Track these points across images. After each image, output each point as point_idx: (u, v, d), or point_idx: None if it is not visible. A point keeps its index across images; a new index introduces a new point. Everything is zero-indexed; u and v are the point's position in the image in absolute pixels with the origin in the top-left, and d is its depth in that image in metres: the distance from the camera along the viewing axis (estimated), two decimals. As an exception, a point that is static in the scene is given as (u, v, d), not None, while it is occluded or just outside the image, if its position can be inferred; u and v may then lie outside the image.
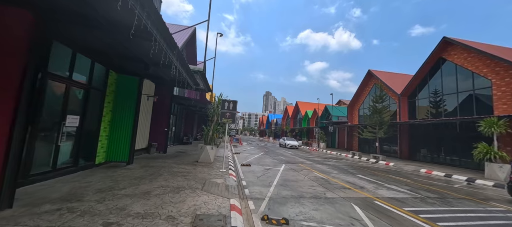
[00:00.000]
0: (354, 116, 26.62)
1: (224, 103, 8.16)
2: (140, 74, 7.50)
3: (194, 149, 14.68)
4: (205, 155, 9.23)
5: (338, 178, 8.51)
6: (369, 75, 24.19)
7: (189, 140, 18.87)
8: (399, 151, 18.81)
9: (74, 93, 5.68)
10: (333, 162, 14.08)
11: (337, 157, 17.78)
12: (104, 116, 6.92)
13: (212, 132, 9.66)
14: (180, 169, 7.48)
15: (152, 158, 9.37)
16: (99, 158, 6.85)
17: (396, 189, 7.08)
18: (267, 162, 11.99)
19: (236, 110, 8.14)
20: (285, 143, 26.29)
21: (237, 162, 10.98)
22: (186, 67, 6.51)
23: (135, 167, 7.09)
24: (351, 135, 26.57)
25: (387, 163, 14.74)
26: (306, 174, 8.94)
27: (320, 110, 34.84)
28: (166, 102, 11.67)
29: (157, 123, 11.44)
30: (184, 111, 19.46)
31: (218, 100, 9.72)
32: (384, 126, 16.83)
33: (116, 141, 7.23)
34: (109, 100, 7.09)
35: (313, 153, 21.14)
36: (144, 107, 10.17)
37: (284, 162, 12.40)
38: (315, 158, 16.03)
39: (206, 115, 23.96)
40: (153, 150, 10.92)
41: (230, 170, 8.10)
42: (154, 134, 11.32)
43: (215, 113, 9.81)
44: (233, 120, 8.07)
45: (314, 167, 11.14)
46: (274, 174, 8.45)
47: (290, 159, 13.89)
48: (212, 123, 9.82)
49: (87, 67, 6.06)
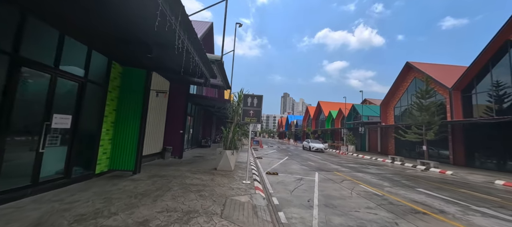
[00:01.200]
0: (389, 115, 23.57)
1: (246, 99, 6.64)
2: (148, 65, 6.30)
3: (212, 152, 13.43)
4: (225, 162, 7.79)
5: (397, 194, 6.48)
6: (407, 68, 21.14)
7: (207, 143, 17.79)
8: (452, 156, 15.72)
9: (63, 86, 4.56)
10: (374, 169, 11.83)
11: (375, 163, 15.32)
12: (106, 116, 5.80)
13: (233, 134, 8.21)
14: (195, 180, 6.09)
15: (165, 165, 8.17)
16: (101, 166, 5.73)
17: (495, 215, 4.92)
18: (296, 169, 10.23)
19: (261, 106, 6.58)
20: (309, 146, 24.15)
21: (261, 169, 9.39)
22: (201, 52, 5.11)
23: (142, 178, 5.85)
24: (386, 136, 23.55)
25: (442, 171, 12.07)
26: (350, 187, 7.04)
27: (346, 109, 31.96)
28: (181, 102, 10.55)
29: (172, 125, 10.34)
30: (202, 112, 18.46)
31: (239, 96, 8.25)
32: (434, 126, 14.05)
33: (120, 146, 6.08)
34: (112, 97, 5.97)
35: (343, 157, 18.79)
36: (157, 107, 9.09)
37: (315, 169, 10.53)
38: (350, 163, 13.83)
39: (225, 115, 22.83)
40: (168, 155, 9.80)
41: (255, 181, 6.54)
42: (169, 137, 10.22)
43: (235, 112, 8.35)
44: (258, 119, 6.52)
45: (355, 176, 9.12)
46: (310, 187, 6.70)
47: (321, 166, 11.94)
48: (232, 124, 8.38)
49: (81, 56, 4.95)
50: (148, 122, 8.30)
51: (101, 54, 5.45)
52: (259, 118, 6.51)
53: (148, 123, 8.38)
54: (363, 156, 19.82)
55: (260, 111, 6.54)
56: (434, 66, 20.88)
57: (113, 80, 5.95)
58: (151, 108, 8.51)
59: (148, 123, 8.31)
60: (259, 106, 6.58)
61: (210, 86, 10.47)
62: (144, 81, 6.35)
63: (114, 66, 5.96)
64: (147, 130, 8.35)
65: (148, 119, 8.28)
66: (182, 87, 10.58)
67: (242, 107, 6.62)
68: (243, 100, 6.64)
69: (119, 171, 6.14)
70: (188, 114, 14.08)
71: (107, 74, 5.76)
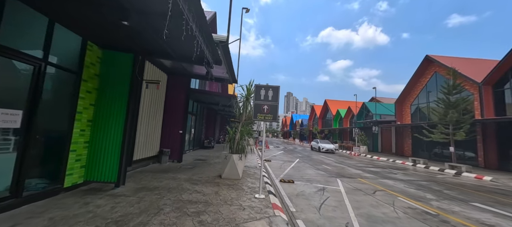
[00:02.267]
0: (405, 114, 21.91)
1: (259, 91, 5.27)
2: (135, 48, 4.97)
3: (216, 155, 12.12)
4: (232, 168, 6.44)
5: (453, 212, 5.03)
6: (426, 62, 19.47)
7: (210, 144, 16.48)
8: (482, 158, 14.09)
9: (6, 69, 3.26)
10: (400, 174, 10.34)
11: (396, 166, 13.79)
12: (80, 113, 4.50)
13: (240, 135, 6.85)
14: (195, 194, 4.75)
15: (160, 171, 6.86)
16: (73, 177, 4.42)
17: None
18: (312, 175, 8.82)
19: (278, 100, 5.20)
20: (319, 147, 22.66)
21: (273, 176, 8.02)
22: (202, 20, 3.75)
23: (126, 192, 4.54)
24: (401, 136, 21.91)
25: (478, 177, 10.51)
26: (388, 200, 5.61)
27: (357, 108, 30.33)
28: (181, 98, 9.23)
29: (171, 124, 9.04)
30: (204, 110, 17.16)
31: (248, 89, 6.88)
32: (465, 125, 12.46)
33: (100, 151, 4.77)
34: (89, 89, 4.66)
35: (357, 159, 17.28)
36: (153, 104, 7.80)
37: (334, 175, 9.11)
38: (369, 167, 12.34)
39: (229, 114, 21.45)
40: (165, 159, 8.50)
41: (269, 193, 5.17)
42: (167, 138, 8.93)
43: (244, 109, 6.98)
44: (275, 116, 5.14)
45: (385, 185, 7.67)
46: (339, 201, 5.30)
47: (339, 170, 10.50)
48: (240, 123, 7.02)
49: (38, 29, 3.64)
50: (140, 121, 7.00)
51: (69, 30, 4.14)
52: (275, 115, 5.13)
53: (141, 122, 7.08)
54: (378, 158, 18.27)
55: (276, 106, 5.16)
56: (456, 60, 19.15)
57: (89, 67, 4.64)
58: (144, 104, 7.22)
59: (140, 122, 7.02)
60: (275, 100, 5.19)
61: (213, 79, 9.13)
62: (131, 68, 5.03)
63: (90, 48, 4.65)
64: (141, 130, 7.06)
65: (141, 117, 6.99)
66: (182, 81, 9.27)
67: (254, 102, 5.24)
68: (255, 93, 5.27)
69: (98, 183, 4.83)
70: (190, 112, 12.78)
71: (80, 58, 4.45)
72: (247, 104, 6.90)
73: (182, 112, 9.19)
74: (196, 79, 11.06)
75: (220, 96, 10.87)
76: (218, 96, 10.77)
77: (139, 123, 7.00)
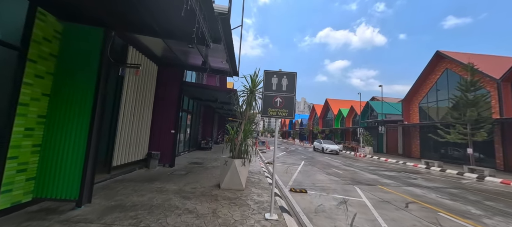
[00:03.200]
0: (413, 113, 20.89)
1: (270, 78, 4.07)
2: (106, 20, 3.74)
3: (214, 157, 10.90)
4: (233, 177, 5.23)
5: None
6: (436, 59, 18.45)
7: (208, 145, 15.22)
8: (502, 160, 13.07)
9: None
10: (421, 180, 9.23)
11: (408, 169, 12.71)
12: (26, 105, 3.26)
13: (244, 136, 5.64)
14: (185, 217, 3.53)
15: (146, 180, 5.63)
16: (14, 195, 3.18)
17: None
18: (325, 181, 7.65)
19: (294, 91, 4.00)
20: (322, 147, 21.55)
21: (280, 183, 6.84)
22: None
23: (90, 214, 3.30)
24: (408, 137, 20.89)
25: (505, 182, 9.45)
26: (431, 218, 4.45)
27: (360, 107, 29.30)
28: (173, 92, 7.99)
29: (161, 124, 7.80)
30: (201, 109, 15.91)
31: (253, 80, 5.68)
32: (485, 124, 11.41)
33: (57, 157, 3.53)
34: (39, 72, 3.42)
35: (364, 161, 16.18)
36: (140, 99, 6.56)
37: (350, 181, 7.96)
38: (381, 170, 11.23)
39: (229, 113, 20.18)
40: (154, 164, 7.26)
41: (282, 210, 3.99)
42: (157, 140, 7.69)
43: (248, 105, 5.77)
44: (291, 111, 3.94)
45: (414, 194, 6.53)
46: (372, 222, 4.12)
47: (353, 175, 9.35)
48: (243, 121, 5.81)
49: None
50: (123, 119, 5.78)
51: (5, -13, 2.90)
52: (291, 110, 3.94)
53: (124, 120, 5.85)
54: (386, 160, 17.20)
55: (293, 98, 3.97)
56: (468, 56, 18.15)
57: (41, 43, 3.40)
58: (128, 99, 5.98)
59: (123, 120, 5.79)
60: (291, 90, 4.00)
61: (208, 70, 7.90)
62: (101, 46, 3.79)
63: (42, 18, 3.40)
64: (123, 130, 5.83)
65: (123, 114, 5.76)
66: (175, 73, 8.03)
67: (263, 93, 4.04)
68: (265, 82, 4.06)
69: (54, 201, 3.59)
70: (186, 110, 11.54)
71: (26, 30, 3.21)
72: (251, 99, 5.69)
73: (174, 109, 7.95)
74: (192, 71, 9.84)
75: (218, 91, 9.60)
76: (216, 91, 9.52)
77: (120, 121, 5.76)
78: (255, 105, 5.68)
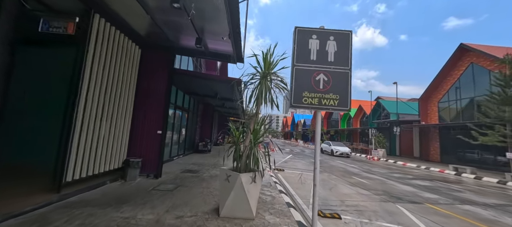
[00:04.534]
0: (431, 112, 19.14)
1: (305, 39, 2.35)
2: None
3: (213, 162, 9.19)
4: (239, 199, 3.52)
5: None
6: (460, 53, 16.69)
7: (206, 147, 13.52)
8: (546, 166, 11.29)
9: None
10: (468, 193, 7.50)
11: (439, 177, 10.97)
12: None
13: (253, 139, 3.91)
14: None
15: (109, 203, 3.92)
16: None
17: None
18: (354, 197, 5.93)
19: (349, 63, 2.28)
20: (331, 150, 19.87)
21: (300, 201, 5.12)
22: None
23: None
24: (426, 138, 19.13)
25: None
26: None
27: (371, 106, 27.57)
28: (161, 83, 6.29)
29: (144, 122, 6.11)
30: (199, 106, 14.21)
31: (266, 60, 3.96)
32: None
33: None
34: None
35: (380, 164, 14.44)
36: (113, 90, 4.85)
37: (386, 196, 6.24)
38: (409, 178, 9.50)
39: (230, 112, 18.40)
40: (133, 174, 5.55)
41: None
42: (138, 142, 6.01)
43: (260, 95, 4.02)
44: (346, 101, 2.23)
45: (481, 218, 4.80)
46: None
47: (384, 187, 7.62)
48: (253, 118, 4.11)
49: None
50: (84, 116, 4.09)
51: None
52: (346, 96, 2.23)
53: (85, 115, 4.16)
54: (404, 164, 15.46)
55: (348, 74, 2.25)
56: (495, 49, 16.40)
57: None
58: (94, 88, 4.28)
59: (84, 117, 4.10)
60: (344, 62, 2.28)
61: (208, 55, 6.19)
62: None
63: None
64: (86, 129, 4.13)
65: (85, 109, 4.07)
66: (162, 58, 6.34)
67: (295, 65, 2.33)
68: (297, 45, 2.35)
69: None
70: (181, 107, 9.84)
71: None
72: (264, 86, 3.95)
73: (162, 103, 6.25)
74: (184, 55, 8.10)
75: (218, 81, 7.81)
76: (215, 81, 7.75)
77: (80, 117, 4.07)
78: (270, 96, 3.96)
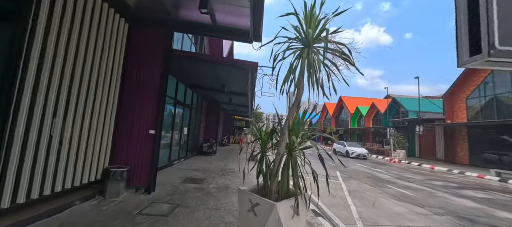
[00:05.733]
0: (458, 110, 17.35)
1: None
2: None
3: (221, 167, 7.76)
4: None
5: None
6: (493, 42, 14.90)
7: (212, 148, 12.10)
8: None
9: None
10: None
11: (484, 185, 9.37)
12: None
13: (291, 146, 2.42)
14: None
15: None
16: None
17: None
18: (411, 219, 4.41)
19: None
20: (346, 151, 18.27)
21: (338, 221, 3.64)
22: None
23: None
24: (452, 138, 17.37)
25: None
26: None
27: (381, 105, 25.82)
28: (154, 69, 4.85)
29: (133, 119, 4.69)
30: (203, 102, 12.80)
31: (306, 17, 2.45)
32: None
33: None
34: None
35: (406, 168, 12.82)
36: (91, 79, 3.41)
37: (449, 215, 4.70)
38: (459, 189, 7.90)
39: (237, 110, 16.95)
40: (117, 188, 4.12)
41: None
42: (125, 146, 4.59)
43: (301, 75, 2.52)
44: None
45: None
46: None
47: (437, 201, 6.07)
48: (291, 112, 2.63)
49: None
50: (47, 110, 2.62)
51: None
52: None
53: (49, 111, 2.70)
54: (432, 167, 13.80)
55: None
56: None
57: None
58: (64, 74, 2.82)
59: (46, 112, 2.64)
60: None
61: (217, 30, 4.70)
62: None
63: None
64: (46, 129, 2.67)
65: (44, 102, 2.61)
66: (156, 37, 4.90)
67: None
68: None
69: None
70: (183, 104, 8.42)
71: None
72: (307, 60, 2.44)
73: (156, 94, 4.80)
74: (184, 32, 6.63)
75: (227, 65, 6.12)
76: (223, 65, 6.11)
77: (23, 115, 2.66)
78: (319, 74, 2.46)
